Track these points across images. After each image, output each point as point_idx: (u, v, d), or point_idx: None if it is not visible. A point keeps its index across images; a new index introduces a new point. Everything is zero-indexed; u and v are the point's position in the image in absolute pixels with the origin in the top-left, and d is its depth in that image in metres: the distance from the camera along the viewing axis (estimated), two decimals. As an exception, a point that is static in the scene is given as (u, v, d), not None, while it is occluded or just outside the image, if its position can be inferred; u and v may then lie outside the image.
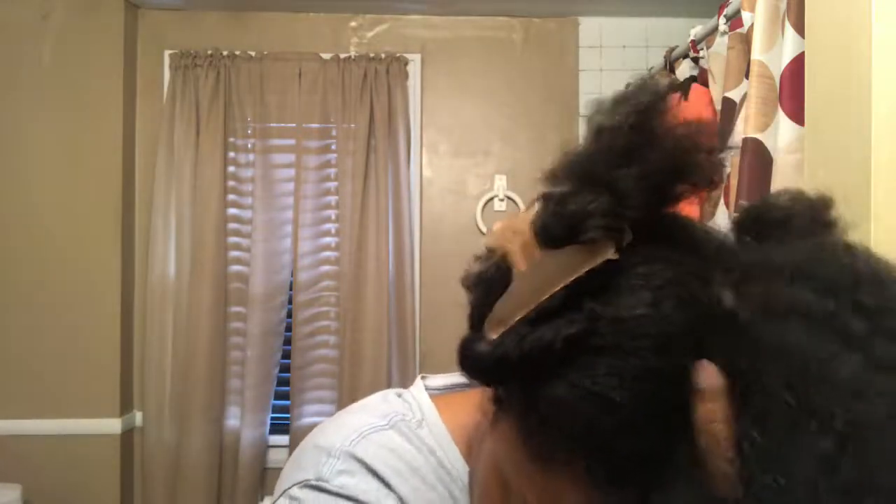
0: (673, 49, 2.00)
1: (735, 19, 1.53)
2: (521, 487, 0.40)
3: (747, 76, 1.39)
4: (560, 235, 0.35)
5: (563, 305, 0.34)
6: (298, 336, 2.53)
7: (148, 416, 2.50)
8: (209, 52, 2.52)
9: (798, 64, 1.21)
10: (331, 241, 2.58)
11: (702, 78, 1.80)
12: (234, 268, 2.56)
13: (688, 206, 0.43)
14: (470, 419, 0.52)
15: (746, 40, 1.44)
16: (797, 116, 1.21)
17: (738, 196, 1.36)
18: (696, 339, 0.33)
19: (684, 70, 1.88)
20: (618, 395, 0.33)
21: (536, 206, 0.37)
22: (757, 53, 1.34)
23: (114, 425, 2.46)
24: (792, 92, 1.23)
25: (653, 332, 0.33)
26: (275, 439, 2.57)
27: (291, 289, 2.55)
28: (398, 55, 2.57)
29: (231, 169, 2.55)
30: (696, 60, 1.83)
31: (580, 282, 0.34)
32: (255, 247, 2.50)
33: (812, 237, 0.37)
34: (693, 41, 1.80)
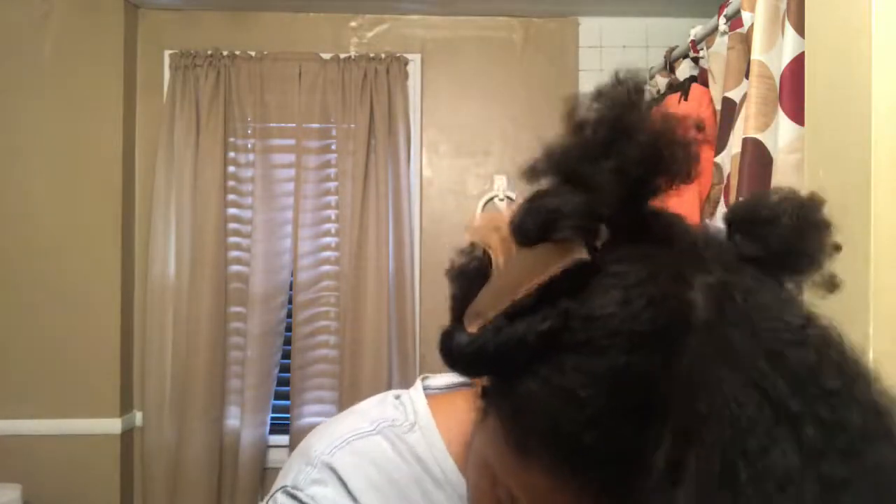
0: (673, 49, 2.00)
1: (735, 19, 1.53)
2: (505, 478, 0.40)
3: (747, 76, 1.39)
4: (534, 233, 0.36)
5: (537, 302, 0.35)
6: (298, 336, 2.53)
7: (148, 416, 2.50)
8: (209, 52, 2.52)
9: (798, 64, 1.21)
10: (331, 241, 2.58)
11: (702, 78, 1.80)
12: (234, 268, 2.56)
13: (689, 206, 0.43)
14: (466, 418, 0.52)
15: (746, 40, 1.44)
16: (797, 116, 1.21)
17: (738, 196, 1.36)
18: (668, 339, 0.33)
19: (684, 70, 1.88)
20: (585, 392, 0.34)
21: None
22: (757, 53, 1.34)
23: (114, 425, 2.46)
24: (792, 92, 1.23)
25: (622, 331, 0.33)
26: (275, 439, 2.57)
27: (291, 289, 2.55)
28: (398, 55, 2.57)
29: (231, 169, 2.55)
30: (696, 60, 1.83)
31: (555, 279, 0.35)
32: (255, 247, 2.50)
33: (799, 238, 0.38)
34: (693, 41, 1.80)
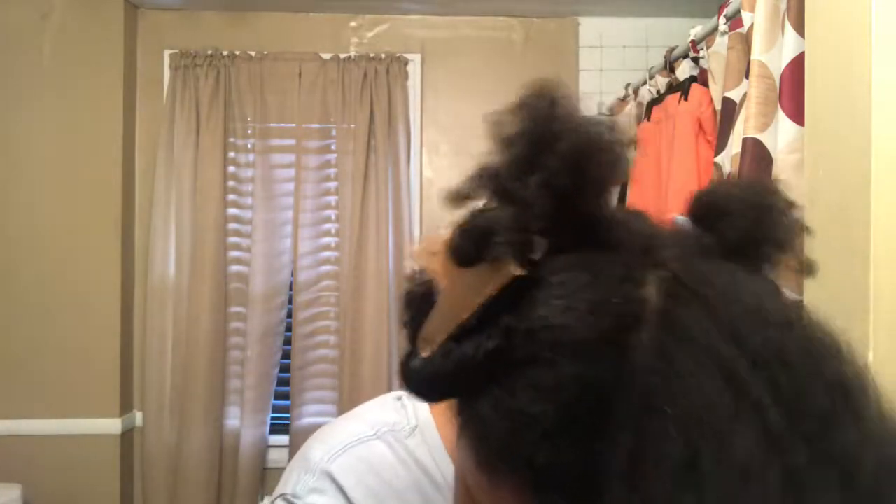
0: (673, 49, 2.00)
1: (735, 19, 1.53)
2: (480, 497, 0.40)
3: (747, 76, 1.39)
4: (469, 255, 0.36)
5: (480, 322, 0.35)
6: (298, 336, 2.53)
7: (148, 416, 2.50)
8: (209, 52, 2.52)
9: (798, 64, 1.21)
10: (331, 241, 2.58)
11: (702, 78, 1.80)
12: (234, 268, 2.56)
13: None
14: None
15: (746, 40, 1.44)
16: (797, 116, 1.21)
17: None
18: (616, 341, 0.33)
19: (684, 70, 1.88)
20: (535, 408, 0.33)
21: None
22: (757, 53, 1.34)
23: (114, 425, 2.46)
24: (792, 92, 1.23)
25: (565, 341, 0.33)
26: (275, 439, 2.57)
27: (291, 289, 2.55)
28: (398, 55, 2.57)
29: (231, 169, 2.55)
30: (696, 60, 1.83)
31: (494, 298, 0.34)
32: (255, 247, 2.50)
33: (755, 226, 0.37)
34: (693, 41, 1.80)
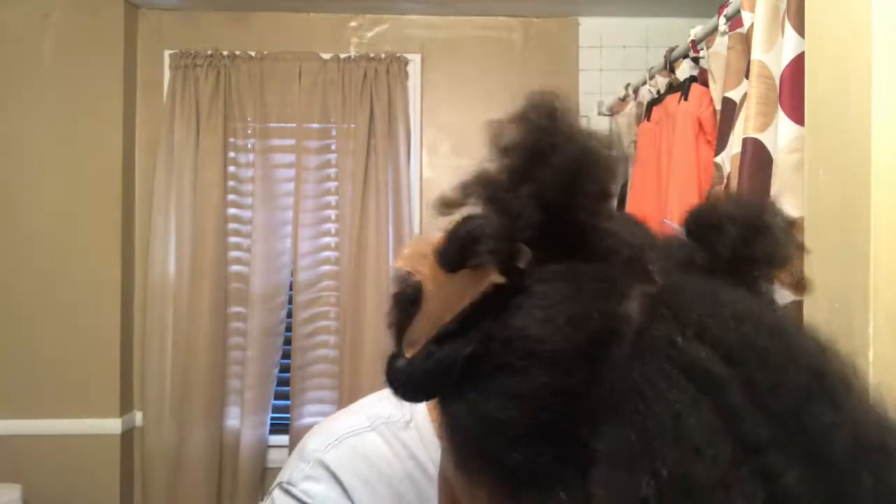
0: (673, 49, 2.00)
1: (735, 19, 1.53)
2: (461, 496, 0.41)
3: (747, 76, 1.39)
4: (455, 260, 0.36)
5: (461, 327, 0.35)
6: (298, 336, 2.53)
7: (148, 416, 2.50)
8: (209, 52, 2.52)
9: (798, 64, 1.21)
10: (331, 241, 2.58)
11: (702, 78, 1.80)
12: (234, 268, 2.56)
13: (689, 207, 0.43)
14: None
15: (746, 40, 1.44)
16: (797, 116, 1.21)
17: (738, 196, 1.36)
18: (592, 355, 0.33)
19: (684, 70, 1.88)
20: (506, 414, 0.34)
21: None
22: (757, 53, 1.34)
23: (114, 425, 2.45)
24: (792, 92, 1.23)
25: (541, 351, 0.33)
26: (275, 439, 2.57)
27: (291, 289, 2.55)
28: (398, 55, 2.57)
29: (231, 169, 2.55)
30: (696, 60, 1.83)
31: (476, 303, 0.35)
32: (255, 247, 2.50)
33: (746, 244, 0.38)
34: (693, 41, 1.80)
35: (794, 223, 0.39)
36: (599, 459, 0.31)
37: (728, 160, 1.46)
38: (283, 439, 2.56)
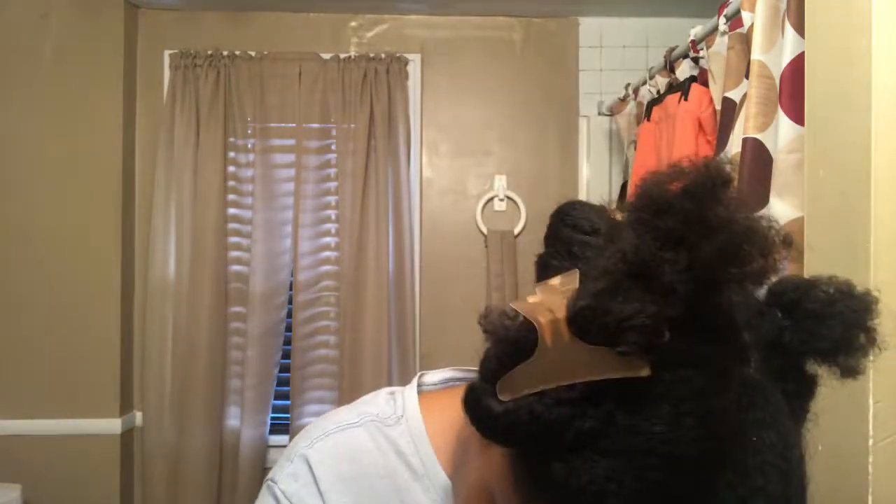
0: (673, 49, 2.00)
1: (735, 19, 1.53)
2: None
3: (747, 76, 1.39)
4: (596, 336, 0.35)
5: (582, 398, 0.34)
6: (298, 336, 2.53)
7: (148, 416, 2.50)
8: (209, 52, 2.52)
9: (798, 64, 1.21)
10: (331, 241, 2.58)
11: (702, 78, 1.80)
12: (234, 268, 2.56)
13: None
14: (450, 413, 0.54)
15: (746, 40, 1.44)
16: (797, 116, 1.21)
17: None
18: (707, 466, 0.33)
19: (684, 70, 1.88)
20: (610, 489, 0.33)
21: (572, 283, 0.37)
22: (757, 53, 1.34)
23: (114, 425, 2.45)
24: (792, 92, 1.23)
25: (662, 452, 0.33)
26: (275, 439, 2.57)
27: (291, 289, 2.55)
28: (398, 55, 2.57)
29: (231, 169, 2.55)
30: (696, 60, 1.83)
31: (608, 382, 0.34)
32: (255, 247, 2.50)
33: (847, 343, 0.38)
34: (693, 41, 1.80)
35: (878, 318, 0.39)
36: None
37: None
38: (283, 439, 2.56)
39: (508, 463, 0.40)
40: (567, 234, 0.45)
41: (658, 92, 2.09)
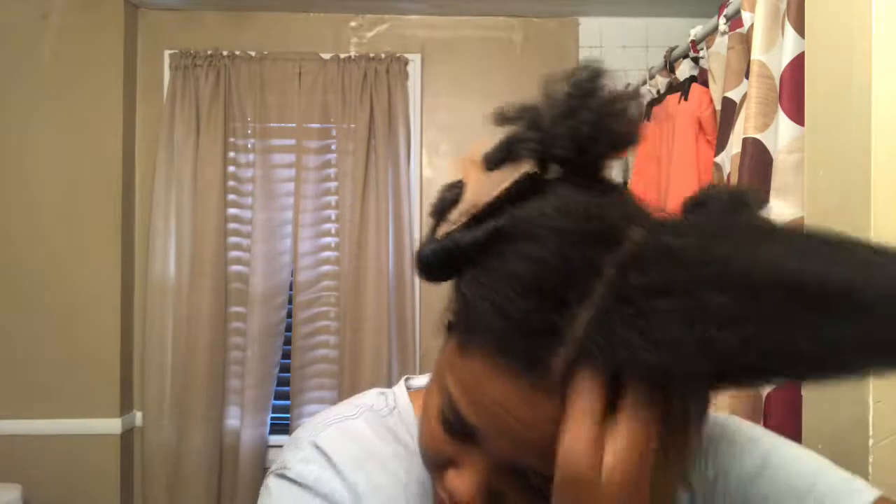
0: (673, 49, 2.00)
1: (735, 19, 1.53)
2: (453, 387, 0.46)
3: (747, 76, 1.39)
4: (498, 158, 0.44)
5: (492, 209, 0.42)
6: (298, 336, 2.53)
7: (148, 416, 2.50)
8: (209, 52, 2.52)
9: (798, 64, 1.21)
10: (331, 241, 2.58)
11: (702, 78, 1.80)
12: (234, 268, 2.56)
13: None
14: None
15: (746, 40, 1.44)
16: (797, 116, 1.21)
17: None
18: (597, 244, 0.38)
19: (684, 70, 1.88)
20: (519, 268, 0.39)
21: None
22: (757, 53, 1.34)
23: (114, 425, 2.46)
24: (792, 92, 1.23)
25: (555, 227, 0.40)
26: (275, 439, 2.57)
27: (291, 289, 2.55)
28: (398, 55, 2.57)
29: (231, 169, 2.55)
30: (696, 60, 1.83)
31: (508, 190, 0.42)
32: (255, 247, 2.50)
33: (723, 216, 0.42)
34: (693, 41, 1.80)
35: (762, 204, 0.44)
36: (578, 321, 0.37)
37: (728, 160, 1.46)
38: (283, 439, 2.56)
39: (454, 322, 0.46)
40: None
41: (658, 92, 2.09)
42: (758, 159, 1.31)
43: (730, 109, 1.50)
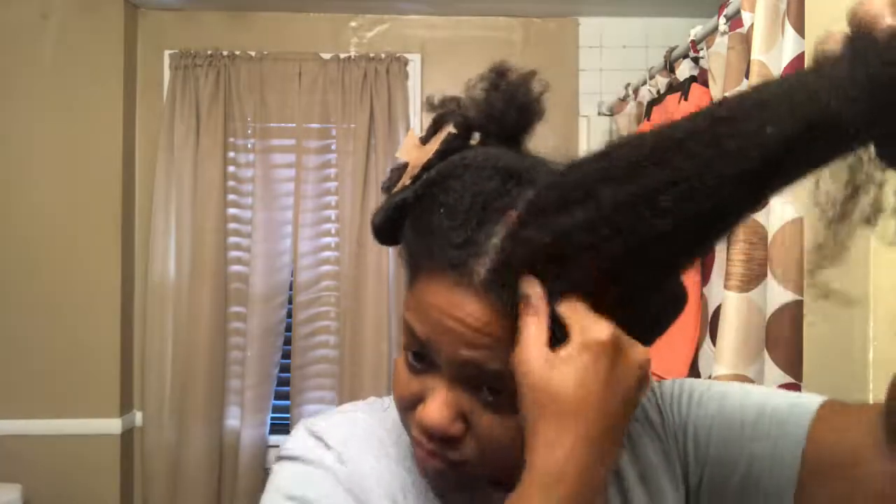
0: (673, 49, 2.00)
1: (735, 19, 1.53)
2: (407, 318, 0.52)
3: (747, 76, 1.39)
4: (429, 133, 0.55)
5: (424, 171, 0.52)
6: (298, 336, 2.53)
7: (148, 416, 2.50)
8: (209, 52, 2.52)
9: (798, 64, 1.21)
10: (331, 241, 2.58)
11: (702, 78, 1.80)
12: (234, 268, 2.56)
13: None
14: None
15: (746, 40, 1.44)
16: (797, 116, 1.21)
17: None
18: (509, 179, 0.49)
19: (684, 70, 1.88)
20: (446, 198, 0.49)
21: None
22: (757, 53, 1.34)
23: (114, 425, 2.46)
24: (792, 92, 1.23)
25: (473, 165, 0.50)
26: (275, 439, 2.57)
27: (291, 289, 2.55)
28: (398, 55, 2.57)
29: (231, 169, 2.55)
30: (696, 60, 1.83)
31: (437, 155, 0.52)
32: (255, 247, 2.50)
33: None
34: (693, 41, 1.80)
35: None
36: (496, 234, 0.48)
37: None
38: (283, 439, 2.55)
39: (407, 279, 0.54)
40: None
41: (658, 92, 2.09)
42: (758, 159, 1.31)
43: (730, 109, 1.49)
